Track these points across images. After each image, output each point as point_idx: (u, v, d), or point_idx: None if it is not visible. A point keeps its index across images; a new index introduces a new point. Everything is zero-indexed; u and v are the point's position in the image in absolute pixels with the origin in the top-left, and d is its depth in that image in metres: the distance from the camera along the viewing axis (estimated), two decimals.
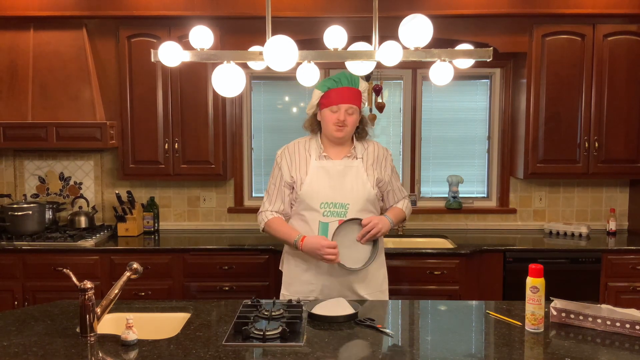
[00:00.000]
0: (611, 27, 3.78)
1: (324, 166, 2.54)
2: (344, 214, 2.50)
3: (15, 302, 3.62)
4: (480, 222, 4.27)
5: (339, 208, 2.50)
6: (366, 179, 2.55)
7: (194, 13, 3.71)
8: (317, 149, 2.57)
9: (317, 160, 2.55)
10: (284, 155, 2.61)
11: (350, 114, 2.50)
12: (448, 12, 3.73)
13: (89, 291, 1.98)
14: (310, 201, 2.51)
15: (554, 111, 3.86)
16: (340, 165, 2.54)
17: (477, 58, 2.07)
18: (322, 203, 2.50)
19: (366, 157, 2.59)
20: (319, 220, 2.50)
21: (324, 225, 2.50)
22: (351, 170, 2.55)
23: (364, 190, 2.53)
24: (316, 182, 2.52)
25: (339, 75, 2.50)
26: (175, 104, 3.85)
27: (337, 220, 2.49)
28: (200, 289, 3.65)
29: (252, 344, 1.94)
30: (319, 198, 2.50)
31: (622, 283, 3.66)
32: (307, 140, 2.63)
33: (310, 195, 2.51)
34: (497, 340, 2.02)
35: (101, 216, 4.23)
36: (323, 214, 2.50)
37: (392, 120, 4.32)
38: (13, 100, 3.76)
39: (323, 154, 2.55)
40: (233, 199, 4.25)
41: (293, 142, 2.65)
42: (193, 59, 2.08)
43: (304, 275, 2.57)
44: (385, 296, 2.67)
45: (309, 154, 2.57)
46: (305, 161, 2.56)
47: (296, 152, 2.60)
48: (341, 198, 2.50)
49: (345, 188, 2.52)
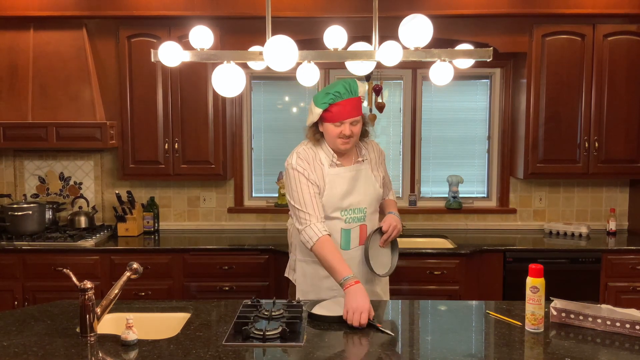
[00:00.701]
0: (611, 27, 3.78)
1: (338, 173, 2.50)
2: (363, 219, 2.52)
3: (15, 302, 3.62)
4: (480, 222, 4.27)
5: (358, 213, 2.51)
6: (374, 180, 2.57)
7: (194, 13, 3.71)
8: (328, 157, 2.50)
9: (331, 168, 2.49)
10: (301, 163, 2.45)
11: (355, 125, 2.43)
12: (448, 12, 3.73)
13: (89, 291, 1.98)
14: (331, 209, 2.47)
15: (554, 111, 3.86)
16: (352, 171, 2.52)
17: (477, 58, 2.08)
18: (343, 210, 2.49)
19: (369, 157, 2.60)
20: (341, 227, 2.49)
21: (347, 233, 2.50)
22: (361, 173, 2.54)
23: (375, 192, 2.55)
24: (334, 189, 2.48)
25: (337, 88, 2.37)
26: (175, 104, 3.85)
27: (358, 225, 2.50)
28: (200, 289, 3.65)
29: (252, 344, 1.94)
30: (340, 205, 2.48)
31: (622, 283, 3.66)
32: (313, 150, 2.51)
33: (332, 203, 2.47)
34: (497, 340, 2.02)
35: (101, 216, 4.23)
36: (345, 221, 2.49)
37: (392, 120, 4.32)
38: (13, 100, 3.76)
39: (336, 162, 2.49)
40: (233, 199, 4.25)
41: (301, 149, 2.50)
42: (193, 59, 2.08)
43: (325, 282, 2.51)
44: (387, 295, 2.69)
45: (321, 163, 2.49)
46: (321, 169, 2.49)
47: (310, 159, 2.48)
48: (358, 203, 2.51)
49: (360, 192, 2.52)
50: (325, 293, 2.53)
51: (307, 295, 2.56)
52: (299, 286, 2.61)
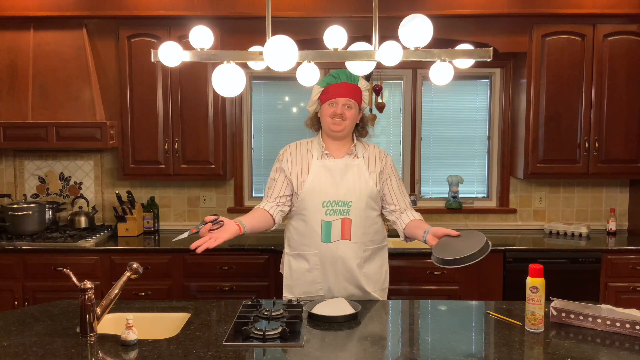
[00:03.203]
0: (611, 27, 3.78)
1: (325, 165, 2.54)
2: (347, 212, 2.49)
3: (15, 302, 3.62)
4: (480, 222, 4.27)
5: (341, 206, 2.50)
6: (368, 176, 2.55)
7: (194, 13, 3.71)
8: (319, 148, 2.57)
9: (319, 159, 2.55)
10: (285, 153, 2.61)
11: (348, 108, 2.50)
12: (448, 12, 3.73)
13: (89, 291, 1.98)
14: (312, 200, 2.50)
15: (554, 111, 3.86)
16: (342, 164, 2.54)
17: (477, 58, 2.07)
18: (325, 201, 2.49)
19: (367, 156, 2.59)
20: (322, 219, 2.50)
21: (327, 225, 2.50)
22: (352, 168, 2.54)
23: (366, 188, 2.53)
24: (318, 180, 2.52)
25: (338, 72, 2.52)
26: (175, 103, 3.85)
27: (340, 218, 2.49)
28: (200, 289, 3.65)
29: (252, 344, 1.94)
30: (321, 196, 2.50)
31: (622, 283, 3.66)
32: (309, 141, 2.64)
33: (312, 193, 2.50)
34: (497, 340, 2.02)
35: (101, 216, 4.23)
36: (326, 213, 2.49)
37: (392, 120, 4.32)
38: (13, 100, 3.76)
39: (325, 152, 2.55)
40: (233, 199, 4.25)
41: (296, 142, 2.65)
42: (193, 59, 2.08)
43: (308, 276, 2.55)
44: (384, 294, 2.66)
45: (310, 153, 2.58)
46: (307, 160, 2.56)
47: (298, 151, 2.60)
48: (343, 196, 2.50)
49: (347, 186, 2.51)
50: (309, 287, 2.55)
51: (292, 290, 2.59)
52: (285, 281, 2.64)
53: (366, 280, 2.57)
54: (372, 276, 2.59)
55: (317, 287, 2.55)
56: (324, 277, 2.54)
